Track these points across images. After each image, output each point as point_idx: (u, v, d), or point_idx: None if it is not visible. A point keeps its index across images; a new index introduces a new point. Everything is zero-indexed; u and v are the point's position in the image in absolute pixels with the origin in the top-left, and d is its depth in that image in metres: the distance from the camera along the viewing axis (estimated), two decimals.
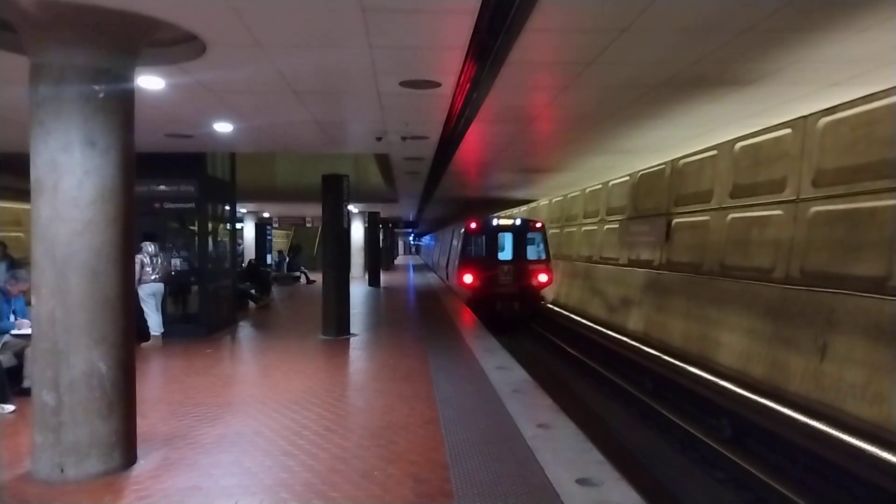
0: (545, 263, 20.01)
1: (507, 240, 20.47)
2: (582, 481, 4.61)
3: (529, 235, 20.32)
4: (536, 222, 21.01)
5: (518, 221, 20.91)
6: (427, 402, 6.76)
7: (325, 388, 7.40)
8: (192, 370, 8.47)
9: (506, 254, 20.30)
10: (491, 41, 5.26)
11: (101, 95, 4.64)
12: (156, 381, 8.17)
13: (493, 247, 20.24)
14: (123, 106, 4.86)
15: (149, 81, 6.22)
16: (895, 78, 6.85)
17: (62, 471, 4.46)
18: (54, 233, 4.51)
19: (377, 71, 5.94)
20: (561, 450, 5.28)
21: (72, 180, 4.53)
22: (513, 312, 18.99)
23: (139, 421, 5.79)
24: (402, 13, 4.51)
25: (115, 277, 4.70)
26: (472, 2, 4.29)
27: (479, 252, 20.30)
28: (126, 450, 4.83)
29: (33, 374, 4.67)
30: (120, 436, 4.76)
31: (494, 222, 21.04)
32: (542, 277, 19.73)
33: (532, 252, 20.20)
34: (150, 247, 10.06)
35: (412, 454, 5.17)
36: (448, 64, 5.77)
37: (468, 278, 19.52)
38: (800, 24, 5.01)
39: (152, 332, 10.07)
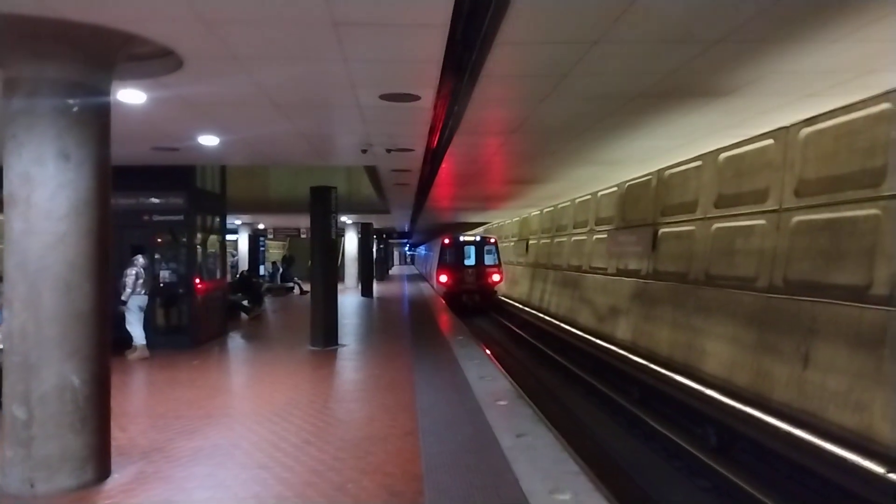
0: (497, 267, 27.63)
1: (471, 251, 27.69)
2: (556, 492, 4.61)
3: (486, 248, 27.79)
4: (491, 238, 28.57)
5: (478, 238, 28.39)
6: (408, 413, 6.76)
7: (307, 400, 7.40)
8: (177, 382, 8.45)
9: (470, 261, 27.49)
10: (465, 54, 5.30)
11: (76, 109, 4.68)
12: (139, 392, 8.17)
13: (461, 256, 27.50)
14: (99, 119, 4.90)
15: (130, 95, 6.25)
16: (872, 88, 6.92)
17: (32, 486, 4.45)
18: (27, 246, 4.53)
19: (355, 84, 5.98)
20: (537, 460, 5.29)
21: (45, 193, 4.55)
22: (474, 303, 26.32)
23: (118, 434, 5.84)
24: (373, 27, 4.55)
25: (88, 290, 4.71)
26: (441, 16, 4.32)
27: (452, 260, 27.37)
28: (99, 464, 4.82)
29: (4, 388, 4.65)
30: (93, 450, 4.75)
31: (462, 238, 28.20)
32: (496, 277, 27.46)
33: (489, 259, 27.59)
34: (140, 259, 10.21)
35: (388, 466, 5.17)
36: (425, 77, 5.81)
37: (444, 278, 26.97)
38: (770, 35, 5.06)
39: (139, 343, 10.15)
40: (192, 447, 5.67)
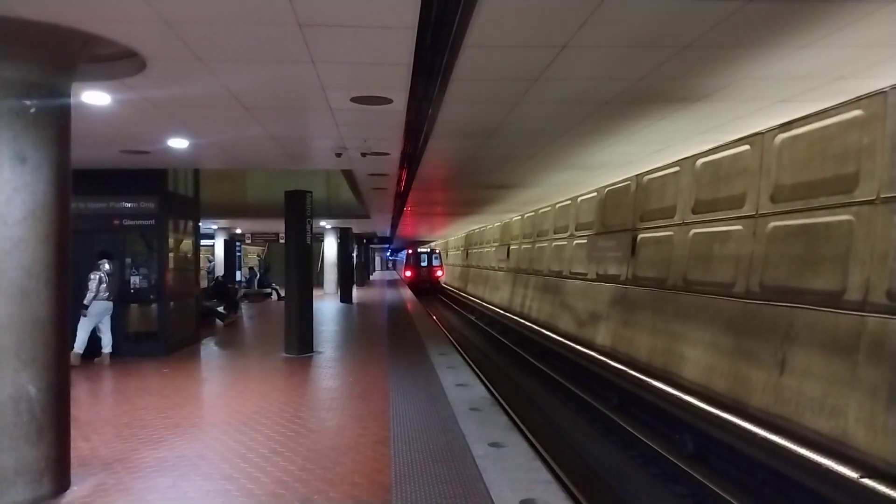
0: (440, 267, 47.35)
1: (424, 257, 46.64)
2: (526, 502, 4.53)
3: (433, 255, 46.88)
4: (436, 249, 49.46)
5: (429, 249, 47.88)
6: (380, 422, 6.65)
7: (277, 408, 7.25)
8: (145, 390, 8.26)
9: (424, 263, 46.51)
10: (435, 58, 5.23)
11: (33, 111, 4.54)
12: (105, 401, 7.98)
13: (419, 260, 46.67)
14: (58, 121, 4.76)
15: (94, 97, 6.10)
16: (842, 94, 6.95)
17: None
18: None
19: (325, 86, 5.87)
20: (509, 469, 5.21)
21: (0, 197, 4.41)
22: (426, 289, 42.51)
23: (81, 444, 5.69)
24: (339, 28, 4.45)
25: (46, 297, 4.57)
26: (408, 18, 4.24)
27: (414, 262, 46.59)
28: (57, 476, 4.67)
29: None
30: (50, 461, 4.60)
31: (419, 249, 47.15)
32: (439, 273, 46.93)
33: (435, 262, 46.78)
34: (106, 265, 9.98)
35: (356, 476, 5.06)
36: (396, 80, 5.71)
37: (408, 273, 46.63)
38: (738, 40, 5.04)
39: (103, 350, 10.03)
40: (157, 458, 5.52)
